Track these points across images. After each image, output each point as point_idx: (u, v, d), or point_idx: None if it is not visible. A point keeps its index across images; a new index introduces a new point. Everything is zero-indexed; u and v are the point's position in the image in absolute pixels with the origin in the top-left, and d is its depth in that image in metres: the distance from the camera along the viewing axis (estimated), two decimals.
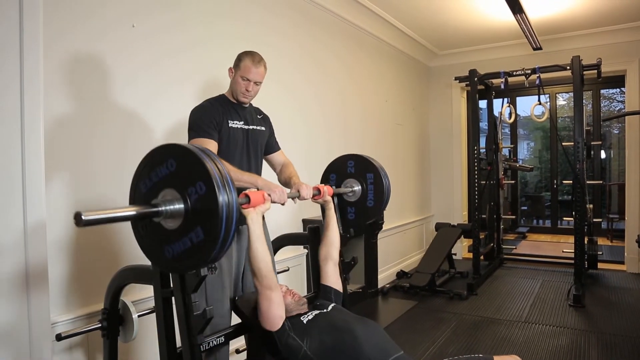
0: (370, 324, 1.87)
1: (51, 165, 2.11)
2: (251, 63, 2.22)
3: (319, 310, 1.94)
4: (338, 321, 1.83)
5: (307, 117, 3.94)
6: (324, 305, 2.01)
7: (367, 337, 1.76)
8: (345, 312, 1.97)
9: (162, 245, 1.40)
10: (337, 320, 1.85)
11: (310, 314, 1.88)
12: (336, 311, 1.95)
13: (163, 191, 1.37)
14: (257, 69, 2.24)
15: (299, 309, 1.98)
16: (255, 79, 2.25)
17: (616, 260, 5.77)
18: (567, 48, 5.44)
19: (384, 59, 5.27)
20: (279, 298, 1.82)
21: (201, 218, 1.32)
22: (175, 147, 1.39)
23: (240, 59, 2.24)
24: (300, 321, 1.83)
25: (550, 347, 3.24)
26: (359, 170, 2.56)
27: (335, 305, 2.01)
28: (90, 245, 2.31)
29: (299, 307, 1.99)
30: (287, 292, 2.03)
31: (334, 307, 1.99)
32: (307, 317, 1.85)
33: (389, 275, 5.25)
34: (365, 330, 1.80)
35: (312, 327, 1.81)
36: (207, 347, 1.91)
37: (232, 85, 2.27)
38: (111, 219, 1.29)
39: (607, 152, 8.73)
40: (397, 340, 2.00)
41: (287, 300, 1.99)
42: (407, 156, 5.89)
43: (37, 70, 1.88)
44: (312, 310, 1.93)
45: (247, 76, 2.22)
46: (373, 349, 1.72)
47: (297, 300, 2.01)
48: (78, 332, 1.86)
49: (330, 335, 1.77)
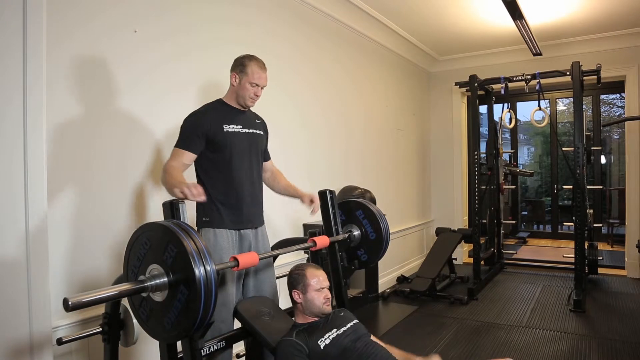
0: (376, 347, 1.92)
1: (54, 169, 2.12)
2: (259, 69, 2.23)
3: (337, 329, 1.95)
4: (349, 347, 1.87)
5: (308, 123, 3.95)
6: (345, 321, 2.03)
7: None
8: (359, 334, 1.99)
9: (162, 319, 1.46)
10: (347, 344, 1.88)
11: (328, 338, 1.89)
12: (352, 332, 1.97)
13: (150, 266, 1.48)
14: (264, 74, 2.27)
15: (317, 314, 2.01)
16: (264, 84, 2.27)
17: (616, 265, 5.76)
18: (567, 54, 5.46)
19: (385, 65, 5.29)
20: None
21: (180, 276, 1.40)
22: (143, 227, 1.53)
23: (245, 65, 2.22)
24: (318, 346, 1.85)
25: (550, 352, 3.23)
26: (349, 214, 2.64)
27: (353, 325, 2.03)
28: (91, 251, 2.31)
29: (323, 314, 2.01)
30: (325, 297, 2.03)
31: (351, 327, 2.01)
32: (324, 342, 1.87)
33: (390, 280, 5.25)
34: (368, 352, 1.86)
35: (325, 353, 1.83)
36: (208, 352, 1.92)
37: (238, 91, 2.25)
38: (97, 301, 1.36)
39: (607, 158, 8.73)
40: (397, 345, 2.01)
41: (318, 302, 2.00)
42: (408, 161, 5.90)
43: (39, 74, 1.90)
44: (330, 331, 1.94)
45: (257, 82, 2.23)
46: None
47: (327, 306, 2.02)
48: (79, 336, 1.85)
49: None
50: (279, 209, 3.54)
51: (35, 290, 1.87)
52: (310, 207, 2.43)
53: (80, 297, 1.28)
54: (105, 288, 1.40)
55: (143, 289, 1.43)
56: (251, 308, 2.17)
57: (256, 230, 2.36)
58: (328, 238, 2.34)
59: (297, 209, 3.72)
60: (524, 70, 4.99)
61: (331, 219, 2.50)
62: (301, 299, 2.02)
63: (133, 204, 2.50)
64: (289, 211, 3.66)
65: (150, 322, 1.50)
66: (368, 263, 2.63)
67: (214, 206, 2.22)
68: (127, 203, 2.47)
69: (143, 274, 1.46)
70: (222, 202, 2.23)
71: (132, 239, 1.53)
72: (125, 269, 1.55)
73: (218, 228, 2.22)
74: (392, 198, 5.36)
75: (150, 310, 1.48)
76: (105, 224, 2.37)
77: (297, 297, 2.03)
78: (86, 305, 1.30)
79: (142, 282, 1.43)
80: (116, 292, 1.42)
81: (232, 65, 2.28)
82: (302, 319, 2.02)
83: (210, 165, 2.23)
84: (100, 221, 2.35)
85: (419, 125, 6.23)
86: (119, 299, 1.73)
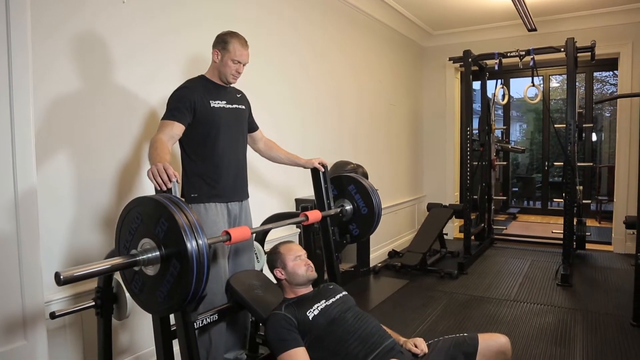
0: (366, 317, 1.93)
1: (44, 143, 2.10)
2: (241, 46, 2.25)
3: (325, 300, 1.96)
4: (337, 318, 1.88)
5: (300, 99, 3.92)
6: (333, 293, 2.04)
7: (358, 331, 1.83)
8: (348, 305, 2.00)
9: (154, 293, 1.46)
10: (336, 315, 1.89)
11: (316, 309, 1.90)
12: (341, 303, 1.98)
13: (142, 240, 1.47)
14: (246, 51, 2.28)
15: (304, 284, 2.03)
16: (245, 61, 2.29)
17: (604, 241, 5.86)
18: (562, 30, 5.42)
19: (377, 39, 5.22)
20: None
21: (172, 250, 1.40)
22: (135, 201, 1.52)
23: (227, 41, 2.23)
24: (307, 317, 1.86)
25: (537, 325, 3.31)
26: (341, 189, 2.65)
27: (342, 297, 2.04)
28: (83, 225, 2.30)
29: (308, 280, 2.03)
30: (306, 264, 2.05)
31: (340, 298, 2.02)
32: (313, 313, 1.88)
33: (381, 254, 5.31)
34: (359, 324, 1.87)
35: (314, 324, 1.85)
36: (201, 325, 1.94)
37: (220, 68, 2.26)
38: (90, 275, 1.35)
39: (598, 135, 8.78)
40: (388, 318, 2.04)
41: (300, 271, 2.01)
42: (400, 136, 5.89)
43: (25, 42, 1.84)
44: (319, 302, 1.95)
45: (239, 59, 2.24)
46: (362, 342, 1.80)
47: (310, 272, 2.04)
48: (71, 310, 1.86)
49: (326, 331, 1.83)
50: (270, 183, 3.54)
51: (26, 264, 1.87)
52: (322, 169, 2.53)
53: (72, 271, 1.28)
54: (97, 262, 1.40)
55: (135, 263, 1.43)
56: (243, 282, 2.19)
57: (241, 203, 2.40)
58: (320, 212, 2.36)
59: (289, 184, 3.74)
60: (519, 46, 4.96)
61: (323, 193, 2.51)
62: (284, 274, 2.03)
63: (125, 178, 2.48)
64: (281, 186, 3.66)
65: (142, 295, 1.50)
66: (360, 237, 2.66)
67: (201, 181, 2.23)
68: (118, 177, 2.45)
69: (135, 248, 1.46)
70: (209, 176, 2.24)
71: (124, 213, 1.52)
72: (117, 243, 1.55)
73: (207, 202, 2.23)
74: (385, 173, 5.37)
75: (142, 284, 1.49)
76: (97, 198, 2.36)
77: (279, 274, 2.04)
78: (78, 280, 1.30)
79: (134, 256, 1.43)
80: (108, 266, 1.42)
81: (214, 42, 2.28)
82: (291, 294, 2.04)
83: (196, 140, 2.23)
84: (92, 195, 2.34)
85: (412, 100, 6.20)
86: (111, 272, 1.74)
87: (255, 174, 3.29)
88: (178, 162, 2.36)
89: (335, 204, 2.61)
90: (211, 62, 2.30)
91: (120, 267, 1.45)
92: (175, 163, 2.31)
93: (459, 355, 1.78)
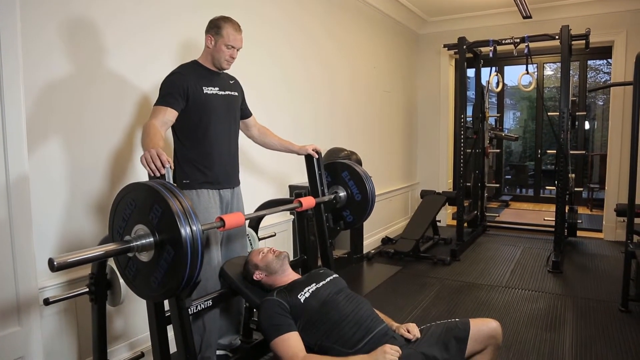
0: (359, 300, 1.94)
1: (43, 126, 2.10)
2: (234, 30, 2.23)
3: (316, 284, 1.97)
4: (329, 300, 1.88)
5: (293, 86, 3.89)
6: (324, 276, 2.05)
7: (352, 314, 1.84)
8: (340, 287, 2.01)
9: (149, 279, 1.46)
10: (327, 297, 1.90)
11: (307, 292, 1.91)
12: (332, 285, 1.99)
13: (135, 227, 1.46)
14: (240, 36, 2.26)
15: (281, 266, 2.05)
16: (239, 46, 2.27)
17: (594, 229, 5.92)
18: (557, 17, 5.41)
19: (372, 25, 5.19)
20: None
21: (165, 236, 1.40)
22: (128, 187, 1.51)
23: (220, 27, 2.20)
24: (298, 300, 1.87)
25: (528, 311, 3.36)
26: (335, 176, 2.65)
27: (332, 279, 2.04)
28: (78, 209, 2.30)
29: (280, 261, 2.05)
30: (269, 251, 2.09)
31: (330, 280, 2.02)
32: (304, 296, 1.89)
33: (374, 241, 5.34)
34: (352, 306, 1.88)
35: (306, 307, 1.85)
36: (195, 310, 1.95)
37: (214, 53, 2.24)
38: (83, 261, 1.35)
39: (591, 123, 8.82)
40: (381, 304, 2.06)
41: (270, 258, 2.03)
42: (394, 124, 5.89)
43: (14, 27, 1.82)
44: (309, 285, 1.95)
45: (233, 44, 2.23)
46: (356, 325, 1.81)
47: (277, 255, 2.07)
48: (66, 296, 1.86)
49: (319, 314, 1.84)
50: (264, 170, 3.54)
51: (19, 251, 1.86)
52: (316, 156, 2.52)
53: (65, 257, 1.28)
54: (91, 248, 1.40)
55: (129, 249, 1.43)
56: (237, 267, 2.20)
57: (233, 190, 2.40)
58: (314, 199, 2.36)
59: (282, 170, 3.73)
60: (513, 34, 4.95)
61: (317, 180, 2.51)
62: (261, 272, 2.05)
63: (118, 164, 2.47)
64: (274, 172, 3.66)
65: (137, 281, 1.51)
66: (353, 224, 2.67)
67: (193, 168, 2.23)
68: (112, 163, 2.44)
69: (128, 234, 1.46)
70: (201, 163, 2.24)
71: (117, 200, 1.52)
72: (111, 229, 1.55)
73: (200, 189, 2.23)
74: (378, 160, 5.38)
75: (136, 270, 1.49)
76: (91, 184, 2.35)
77: (259, 276, 2.06)
78: (72, 266, 1.30)
79: (127, 242, 1.43)
80: (102, 252, 1.43)
81: (207, 27, 2.26)
82: (281, 282, 2.04)
83: (189, 127, 2.22)
84: (85, 181, 2.32)
85: (406, 87, 6.19)
86: (105, 259, 1.74)
87: (248, 161, 3.28)
88: (171, 148, 2.35)
89: (329, 190, 2.61)
90: (204, 47, 2.28)
91: (114, 253, 1.45)
92: (167, 149, 2.30)
93: (451, 340, 1.80)
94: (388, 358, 1.63)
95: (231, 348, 2.51)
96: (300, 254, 2.57)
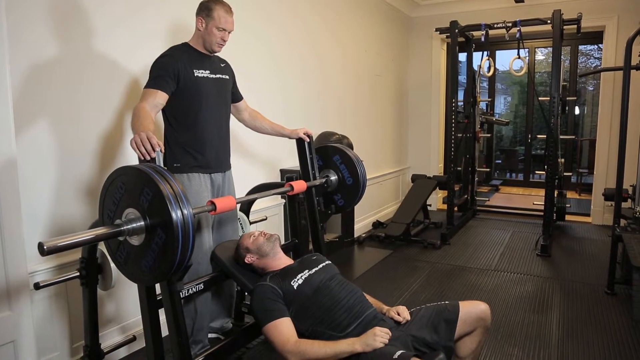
0: (351, 287, 1.95)
1: (31, 108, 2.07)
2: (225, 12, 2.20)
3: (309, 270, 1.97)
4: (322, 286, 1.89)
5: (283, 70, 3.85)
6: (317, 263, 2.05)
7: (344, 300, 1.85)
8: (332, 273, 2.01)
9: (140, 263, 1.45)
10: (320, 283, 1.90)
11: (300, 278, 1.91)
12: (324, 271, 2.00)
13: (126, 210, 1.45)
14: (231, 18, 2.23)
15: (272, 249, 2.05)
16: (230, 28, 2.24)
17: (583, 213, 5.99)
18: (549, 2, 5.40)
19: (363, 7, 5.13)
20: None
21: (156, 220, 1.39)
22: (118, 170, 1.49)
23: (211, 9, 2.17)
24: (291, 286, 1.88)
25: (516, 293, 3.41)
26: (326, 160, 2.64)
27: (325, 265, 2.05)
28: (67, 193, 2.28)
29: (271, 244, 2.06)
30: (260, 234, 2.09)
31: (323, 267, 2.03)
32: (297, 282, 1.89)
33: (365, 225, 5.36)
34: (344, 293, 1.89)
35: (299, 293, 1.86)
36: (186, 294, 1.95)
37: (205, 36, 2.21)
38: (73, 245, 1.34)
39: (581, 108, 8.87)
40: (372, 287, 2.07)
41: (261, 241, 2.04)
42: (386, 107, 5.87)
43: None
44: (302, 272, 1.96)
45: (224, 26, 2.20)
46: (347, 311, 1.82)
47: (268, 238, 2.07)
48: (56, 280, 1.86)
49: (311, 300, 1.85)
50: (255, 154, 3.52)
51: (8, 235, 1.85)
52: (308, 139, 2.52)
53: (55, 241, 1.27)
54: (81, 232, 1.39)
55: (119, 233, 1.42)
56: (228, 251, 2.20)
57: (224, 174, 2.39)
58: (305, 183, 2.36)
59: (274, 154, 3.72)
60: (505, 18, 4.93)
61: (308, 163, 2.51)
62: (252, 255, 2.05)
63: (108, 147, 2.45)
64: (265, 156, 3.65)
65: (128, 265, 1.50)
66: (344, 208, 2.67)
67: (184, 151, 2.21)
68: (101, 146, 2.42)
69: (119, 218, 1.45)
70: (192, 147, 2.22)
71: (107, 183, 1.51)
72: (101, 213, 1.54)
73: (191, 173, 2.22)
74: (370, 144, 5.37)
75: (127, 254, 1.48)
76: (80, 167, 2.33)
77: (250, 259, 2.05)
78: (62, 250, 1.29)
79: (118, 226, 1.42)
80: (92, 236, 1.42)
81: (198, 9, 2.22)
82: (273, 266, 2.05)
83: (179, 110, 2.20)
84: (75, 164, 2.30)
85: (397, 71, 6.16)
86: (96, 243, 1.73)
87: (239, 145, 3.26)
88: (161, 131, 2.33)
89: (321, 174, 2.61)
90: (195, 30, 2.24)
91: (105, 237, 1.44)
92: (158, 132, 2.28)
93: (441, 322, 1.83)
94: (378, 340, 1.65)
95: (223, 331, 2.53)
96: (292, 237, 2.58)
